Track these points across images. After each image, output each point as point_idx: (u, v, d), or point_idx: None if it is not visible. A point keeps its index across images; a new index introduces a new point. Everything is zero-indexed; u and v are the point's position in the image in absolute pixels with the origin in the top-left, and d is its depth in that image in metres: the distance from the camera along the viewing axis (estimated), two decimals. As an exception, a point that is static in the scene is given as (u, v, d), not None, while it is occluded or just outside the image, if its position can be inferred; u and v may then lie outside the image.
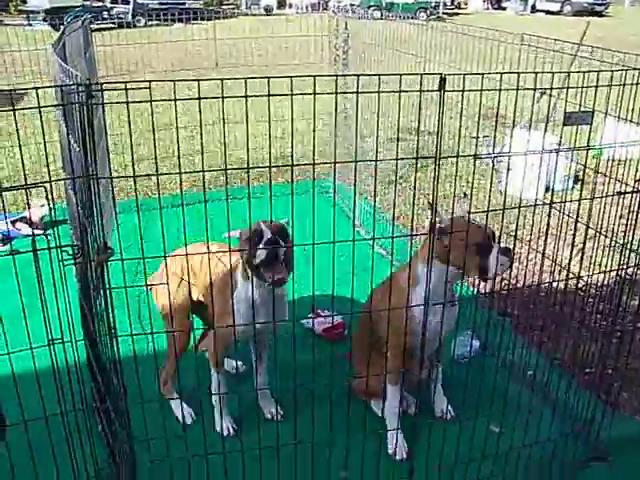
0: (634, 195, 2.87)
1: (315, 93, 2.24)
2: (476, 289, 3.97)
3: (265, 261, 2.86)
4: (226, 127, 2.31)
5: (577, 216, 2.98)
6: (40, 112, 1.98)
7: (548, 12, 35.22)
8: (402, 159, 2.43)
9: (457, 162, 2.50)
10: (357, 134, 2.37)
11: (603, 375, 3.43)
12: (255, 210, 2.43)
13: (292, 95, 2.20)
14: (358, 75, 2.33)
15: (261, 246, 2.85)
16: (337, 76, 4.39)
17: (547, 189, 5.71)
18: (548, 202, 2.89)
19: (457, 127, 2.46)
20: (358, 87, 2.33)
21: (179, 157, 2.35)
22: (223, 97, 2.16)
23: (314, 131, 2.32)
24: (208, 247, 3.04)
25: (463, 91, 2.37)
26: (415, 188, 2.83)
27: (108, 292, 2.25)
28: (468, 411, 3.41)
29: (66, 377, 2.42)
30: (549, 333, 3.73)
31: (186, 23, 8.15)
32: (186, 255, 2.80)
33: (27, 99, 2.13)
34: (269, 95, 2.18)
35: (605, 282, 3.29)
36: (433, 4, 31.91)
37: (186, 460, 2.64)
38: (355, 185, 2.91)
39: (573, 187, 6.18)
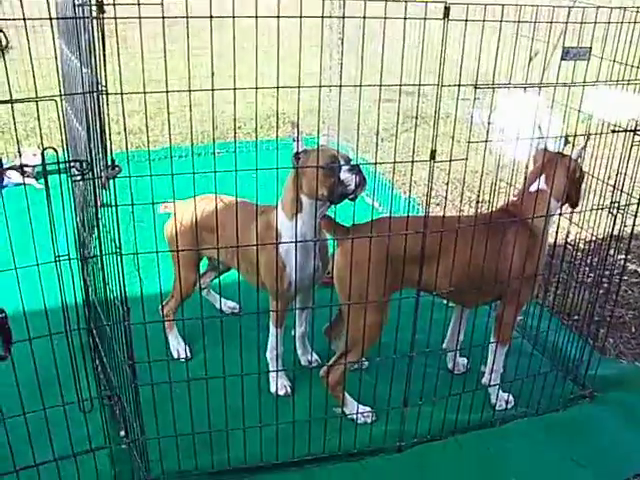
0: (627, 135, 2.95)
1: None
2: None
3: (359, 179, 2.89)
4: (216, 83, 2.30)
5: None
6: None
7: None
8: (406, 85, 2.46)
9: (458, 92, 2.53)
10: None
11: (590, 322, 3.52)
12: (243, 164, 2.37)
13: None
14: None
15: (347, 167, 2.89)
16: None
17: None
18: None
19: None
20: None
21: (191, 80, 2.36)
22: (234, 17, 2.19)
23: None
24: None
25: (466, 21, 2.42)
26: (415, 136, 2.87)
27: (115, 209, 2.28)
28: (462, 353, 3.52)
29: (71, 296, 2.45)
30: (540, 282, 3.80)
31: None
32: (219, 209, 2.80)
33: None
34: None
35: (594, 238, 3.35)
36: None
37: (186, 384, 2.67)
38: (338, 133, 2.93)
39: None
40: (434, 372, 3.02)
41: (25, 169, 5.30)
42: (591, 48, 2.67)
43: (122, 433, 2.96)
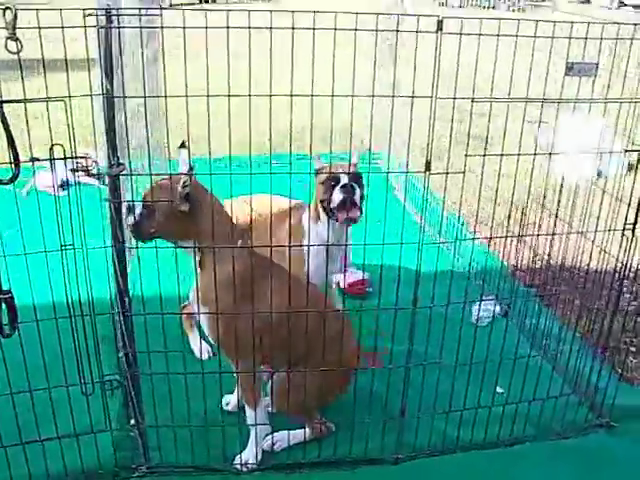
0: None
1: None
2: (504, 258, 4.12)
3: (340, 204, 3.28)
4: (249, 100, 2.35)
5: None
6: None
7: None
8: (400, 96, 2.50)
9: (454, 104, 2.53)
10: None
11: (620, 350, 3.41)
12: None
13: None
14: None
15: (337, 190, 3.29)
16: None
17: (599, 174, 5.54)
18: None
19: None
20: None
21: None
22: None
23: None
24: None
25: (461, 34, 2.46)
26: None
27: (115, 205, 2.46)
28: (476, 369, 3.44)
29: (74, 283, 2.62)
30: (573, 306, 3.69)
31: None
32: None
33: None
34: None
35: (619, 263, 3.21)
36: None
37: (184, 377, 2.76)
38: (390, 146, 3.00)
39: (627, 173, 5.99)
40: (433, 384, 2.98)
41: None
42: (597, 64, 2.63)
43: (132, 422, 3.08)
